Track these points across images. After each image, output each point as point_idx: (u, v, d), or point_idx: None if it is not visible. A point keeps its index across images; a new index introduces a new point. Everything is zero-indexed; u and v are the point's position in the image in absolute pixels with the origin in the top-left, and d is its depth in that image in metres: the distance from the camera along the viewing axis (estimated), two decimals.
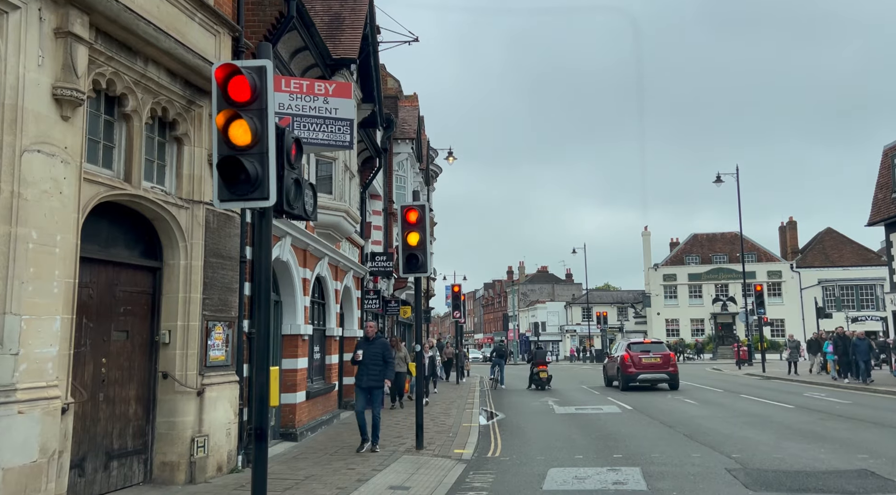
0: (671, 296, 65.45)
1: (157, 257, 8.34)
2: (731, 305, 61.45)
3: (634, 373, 23.73)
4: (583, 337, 71.92)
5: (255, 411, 5.69)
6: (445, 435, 12.68)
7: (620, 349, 25.49)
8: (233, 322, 9.10)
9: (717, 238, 67.99)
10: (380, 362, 10.82)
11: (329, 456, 10.40)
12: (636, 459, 10.14)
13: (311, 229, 12.86)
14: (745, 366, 38.08)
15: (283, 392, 11.92)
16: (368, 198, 22.10)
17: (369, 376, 10.77)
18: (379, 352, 10.88)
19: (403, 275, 10.98)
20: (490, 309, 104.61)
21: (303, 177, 6.27)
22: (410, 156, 25.96)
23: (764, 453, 10.40)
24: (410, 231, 10.86)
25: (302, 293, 12.27)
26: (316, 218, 6.63)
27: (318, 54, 12.14)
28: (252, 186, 5.48)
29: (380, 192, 22.95)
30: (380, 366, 10.82)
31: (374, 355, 10.84)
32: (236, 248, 9.22)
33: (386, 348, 11.05)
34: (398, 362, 16.18)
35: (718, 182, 39.88)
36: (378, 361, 10.81)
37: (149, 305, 8.20)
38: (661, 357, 23.94)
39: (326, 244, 13.50)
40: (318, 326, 14.43)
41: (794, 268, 61.64)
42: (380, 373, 10.81)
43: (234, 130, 5.45)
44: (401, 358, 16.81)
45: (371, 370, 10.80)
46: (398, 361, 16.18)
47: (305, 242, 12.28)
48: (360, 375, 10.86)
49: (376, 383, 10.79)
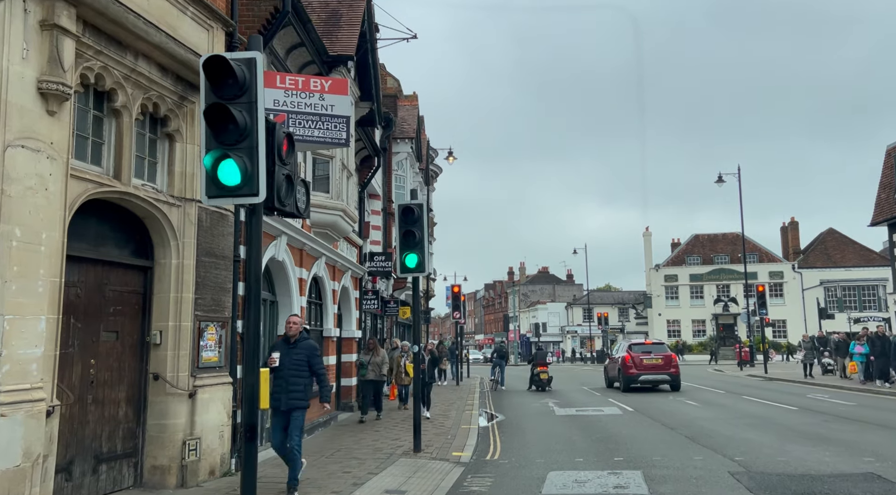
0: (672, 296, 65.27)
1: (149, 256, 8.17)
2: (732, 306, 61.18)
3: (635, 374, 23.54)
4: (584, 338, 71.77)
5: (245, 412, 5.53)
6: (444, 437, 12.50)
7: (621, 350, 25.31)
8: (226, 322, 8.93)
9: (719, 238, 67.80)
10: (304, 373, 7.83)
11: (325, 459, 10.23)
12: (638, 462, 9.96)
13: (308, 228, 12.70)
14: (746, 367, 37.87)
15: None
16: (367, 198, 21.94)
17: (289, 394, 7.68)
18: (303, 358, 7.83)
19: (400, 275, 10.81)
20: (491, 309, 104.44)
21: (296, 173, 6.10)
22: (410, 155, 25.80)
23: (767, 456, 10.21)
24: (407, 229, 10.69)
25: (298, 293, 12.10)
26: (309, 215, 6.47)
27: (315, 51, 11.97)
28: (241, 182, 5.31)
29: (379, 192, 22.79)
30: (304, 378, 7.85)
31: (295, 364, 7.80)
32: (230, 247, 9.05)
33: (313, 353, 7.95)
34: (374, 368, 14.91)
35: (720, 182, 39.72)
36: (302, 371, 7.81)
37: (139, 305, 8.03)
38: (662, 358, 23.74)
39: (323, 244, 13.33)
40: (316, 327, 14.26)
41: (796, 269, 61.46)
42: (304, 390, 7.85)
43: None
44: (377, 364, 14.99)
45: (292, 384, 7.74)
46: (373, 367, 14.90)
47: (302, 242, 12.11)
48: (275, 392, 7.56)
49: (298, 402, 7.77)
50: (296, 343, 7.95)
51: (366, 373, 14.99)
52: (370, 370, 14.91)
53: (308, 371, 7.86)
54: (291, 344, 7.95)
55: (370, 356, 15.10)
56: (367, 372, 14.98)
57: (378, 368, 14.94)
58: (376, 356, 15.01)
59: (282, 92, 9.83)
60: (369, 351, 15.30)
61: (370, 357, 15.07)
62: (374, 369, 14.88)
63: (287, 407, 7.75)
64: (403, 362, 15.95)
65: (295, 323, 8.05)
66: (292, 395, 7.74)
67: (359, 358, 15.67)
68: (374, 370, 14.88)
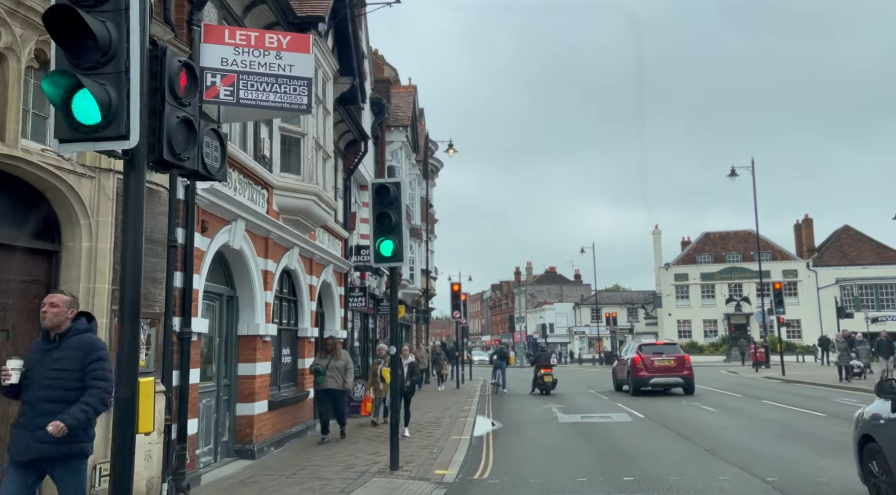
0: (683, 296, 63.52)
1: (55, 238, 6.72)
2: (745, 305, 59.45)
3: (646, 377, 21.98)
4: (592, 338, 70.09)
5: (117, 434, 4.06)
6: (429, 450, 11.01)
7: (631, 351, 23.74)
8: (157, 319, 7.47)
9: (731, 236, 65.99)
10: (72, 386, 4.62)
11: (285, 479, 8.75)
12: (651, 483, 8.44)
13: (276, 214, 11.24)
14: (762, 369, 36.19)
15: (239, 402, 10.30)
16: (357, 188, 20.50)
17: (35, 432, 4.51)
18: (69, 367, 4.67)
19: (375, 265, 9.33)
20: (497, 310, 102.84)
21: (202, 120, 4.60)
22: (405, 145, 24.33)
23: (806, 475, 8.67)
24: (382, 212, 9.23)
25: (262, 287, 10.64)
26: (224, 177, 4.97)
27: (280, 10, 10.52)
28: (103, 120, 3.83)
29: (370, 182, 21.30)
30: (71, 390, 4.61)
31: (54, 376, 4.65)
32: (163, 230, 7.59)
33: (91, 354, 4.71)
34: (333, 375, 11.88)
35: (733, 175, 37.98)
36: (69, 387, 4.63)
37: (40, 298, 6.56)
38: (674, 359, 22.17)
39: (295, 232, 11.87)
40: (289, 326, 12.80)
41: (811, 267, 59.58)
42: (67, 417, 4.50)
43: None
44: (338, 369, 11.97)
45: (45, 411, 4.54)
46: (333, 374, 11.89)
47: (266, 229, 10.65)
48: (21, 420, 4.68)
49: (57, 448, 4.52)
50: (59, 340, 4.73)
51: (323, 381, 11.88)
52: (328, 377, 11.86)
53: (75, 384, 4.62)
54: (53, 341, 4.74)
55: (328, 359, 12.06)
56: (324, 380, 11.87)
57: (339, 375, 11.92)
58: (337, 359, 12.06)
59: (231, 49, 8.40)
60: (327, 353, 12.25)
61: (328, 360, 12.04)
62: (335, 376, 11.90)
63: (35, 456, 4.54)
64: (380, 369, 13.16)
65: (56, 305, 4.78)
66: (41, 435, 4.46)
67: (314, 362, 12.31)
68: (335, 377, 11.90)
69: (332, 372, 11.94)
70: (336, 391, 12.01)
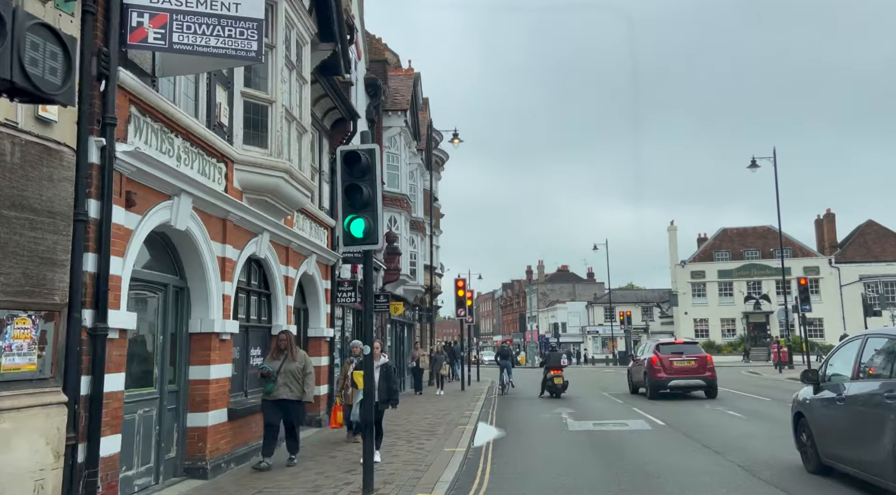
0: (700, 294, 61.58)
1: None
2: (764, 303, 57.49)
3: (664, 379, 20.30)
4: (605, 338, 68.29)
5: None
6: (415, 467, 9.44)
7: (648, 350, 22.04)
8: (56, 311, 5.95)
9: (749, 232, 63.96)
10: None
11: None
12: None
13: (238, 193, 9.71)
14: (785, 369, 34.37)
15: (190, 411, 8.77)
16: None
17: None
18: None
19: (344, 247, 7.79)
20: (509, 310, 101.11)
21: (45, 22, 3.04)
22: (405, 131, 22.79)
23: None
24: (352, 184, 7.68)
25: (219, 277, 9.11)
26: (71, 100, 3.46)
27: None
28: None
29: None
30: None
31: None
32: (66, 199, 6.07)
33: None
34: (288, 381, 9.38)
35: (754, 167, 36.23)
36: None
37: None
38: (695, 359, 20.48)
39: (264, 215, 10.34)
40: (260, 323, 11.29)
41: (833, 264, 57.45)
42: None
43: None
44: (293, 373, 9.44)
45: None
46: (288, 379, 9.38)
47: (223, 209, 9.12)
48: None
49: None
50: None
51: (273, 389, 9.35)
52: (281, 383, 9.35)
53: None
54: None
55: (281, 361, 9.48)
56: (274, 388, 9.36)
57: (295, 381, 9.41)
58: (291, 360, 9.50)
59: None
60: (280, 352, 9.60)
61: (281, 362, 9.46)
62: (289, 382, 9.36)
63: None
64: (352, 370, 10.90)
65: None
66: None
67: (262, 364, 9.82)
68: (289, 384, 9.36)
69: (285, 377, 9.39)
70: (290, 402, 9.41)
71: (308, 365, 9.76)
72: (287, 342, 9.66)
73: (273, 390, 9.39)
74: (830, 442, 8.01)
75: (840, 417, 7.71)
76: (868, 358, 7.51)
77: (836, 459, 7.88)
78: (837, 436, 7.81)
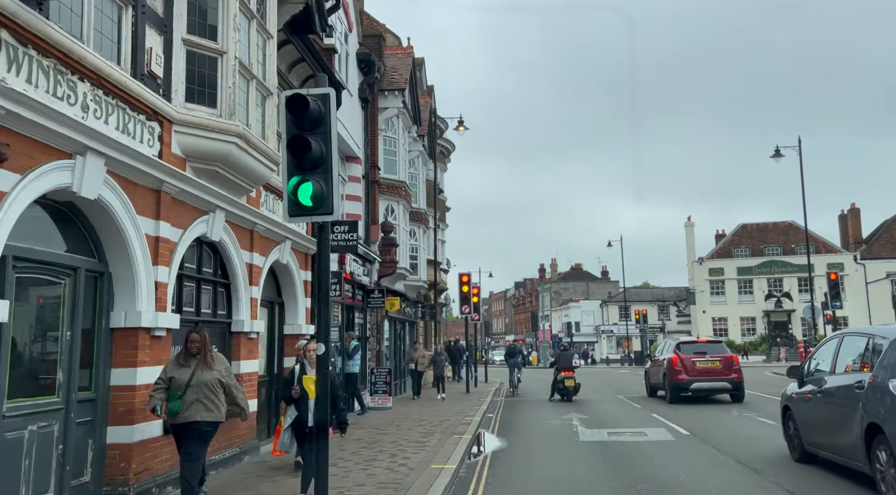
0: (718, 292, 59.52)
1: None
2: (786, 302, 55.32)
3: (686, 381, 18.54)
4: (620, 338, 66.33)
5: None
6: (391, 489, 7.78)
7: (667, 350, 20.27)
8: None
9: (769, 228, 61.83)
10: None
11: None
12: None
13: (179, 161, 8.10)
14: None
15: (111, 424, 7.16)
16: (340, 159, 17.34)
17: None
18: None
19: (291, 217, 6.11)
20: (521, 309, 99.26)
21: None
22: (403, 114, 21.13)
23: None
24: (298, 135, 6.00)
25: (149, 260, 7.50)
26: None
27: None
28: None
29: (358, 154, 18.18)
30: None
31: None
32: None
33: None
34: (200, 395, 6.64)
35: (777, 156, 34.36)
36: None
37: None
38: (720, 360, 18.69)
39: (215, 189, 8.73)
40: (216, 317, 9.66)
41: (858, 260, 55.18)
42: None
43: None
44: (208, 386, 6.68)
45: None
46: (200, 394, 6.64)
47: (156, 178, 7.50)
48: None
49: None
50: None
51: (180, 409, 6.60)
52: (190, 400, 6.60)
53: None
54: None
55: (192, 367, 6.73)
56: (181, 407, 6.60)
57: (210, 395, 6.67)
58: (206, 368, 6.74)
59: None
60: (190, 356, 6.81)
61: (192, 370, 6.71)
62: (202, 397, 6.62)
63: None
64: (298, 374, 7.82)
65: None
66: None
67: (164, 371, 6.88)
68: (203, 399, 6.62)
69: (196, 390, 6.61)
70: (203, 425, 6.62)
71: (230, 375, 7.06)
72: (201, 343, 6.85)
73: (180, 409, 6.60)
74: (812, 431, 8.84)
75: (820, 408, 8.56)
76: (844, 354, 8.31)
77: (817, 447, 8.71)
78: (818, 426, 8.63)
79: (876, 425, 6.88)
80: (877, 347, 7.46)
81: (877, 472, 6.99)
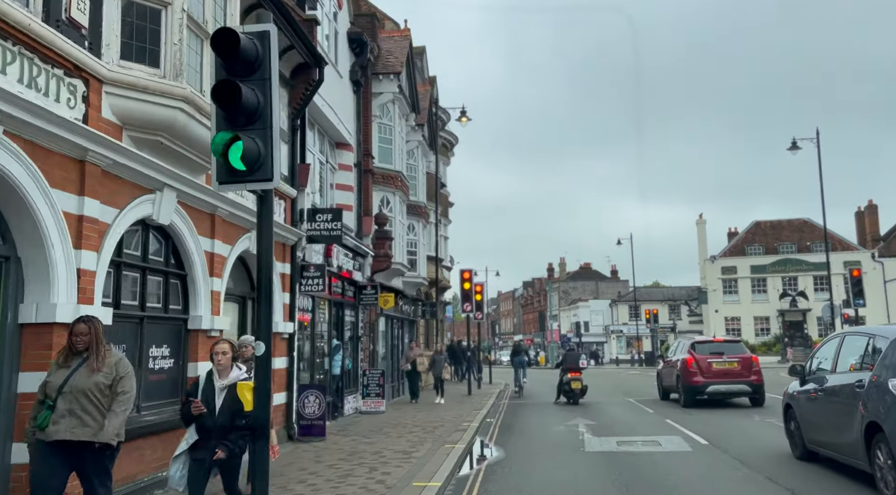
0: (731, 291, 57.92)
1: None
2: (801, 301, 53.70)
3: (702, 384, 17.23)
4: (630, 338, 64.89)
5: None
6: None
7: (681, 350, 18.96)
8: None
9: (783, 225, 60.20)
10: None
11: None
12: None
13: (114, 128, 6.92)
14: None
15: (17, 440, 5.95)
16: (330, 146, 16.17)
17: None
18: None
19: (221, 184, 4.90)
20: (530, 308, 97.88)
21: None
22: (399, 100, 19.91)
23: None
24: (227, 80, 4.77)
25: (69, 243, 6.30)
26: None
27: None
28: None
29: (350, 141, 16.96)
30: None
31: None
32: None
33: None
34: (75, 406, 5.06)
35: (794, 148, 32.99)
36: None
37: None
38: (738, 361, 17.38)
39: (161, 164, 7.54)
40: (167, 312, 8.47)
41: (877, 258, 53.47)
42: None
43: None
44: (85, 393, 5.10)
45: None
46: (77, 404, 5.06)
47: (79, 146, 6.31)
48: None
49: None
50: None
51: (47, 423, 5.05)
52: (62, 411, 5.06)
53: None
54: None
55: (73, 368, 5.20)
56: (49, 421, 5.05)
57: (92, 407, 5.11)
58: (93, 370, 5.18)
59: None
60: (74, 354, 5.26)
61: (72, 370, 5.20)
62: (80, 410, 5.06)
63: None
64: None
65: None
66: None
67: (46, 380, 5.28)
68: (79, 411, 5.06)
69: (68, 398, 5.07)
70: (81, 446, 5.08)
71: (124, 379, 5.28)
72: (89, 338, 5.23)
73: (47, 424, 5.05)
74: (813, 429, 8.91)
75: (821, 407, 8.60)
76: (845, 353, 8.34)
77: (818, 445, 8.77)
78: (819, 424, 8.70)
79: (876, 424, 6.92)
80: (877, 347, 7.49)
81: (876, 470, 7.02)
